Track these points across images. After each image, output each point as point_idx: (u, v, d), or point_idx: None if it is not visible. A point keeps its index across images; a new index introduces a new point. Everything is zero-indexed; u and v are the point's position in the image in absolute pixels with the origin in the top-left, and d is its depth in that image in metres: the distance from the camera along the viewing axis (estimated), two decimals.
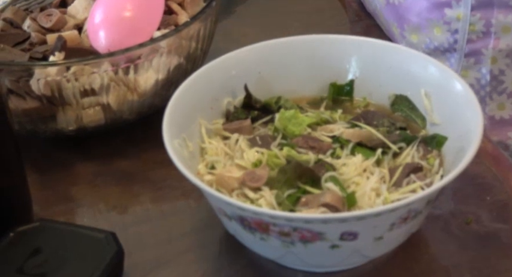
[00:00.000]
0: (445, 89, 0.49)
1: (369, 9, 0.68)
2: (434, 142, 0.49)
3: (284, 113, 0.50)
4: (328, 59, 0.53)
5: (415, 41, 0.60)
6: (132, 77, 0.54)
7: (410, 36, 0.60)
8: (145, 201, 0.54)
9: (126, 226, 0.51)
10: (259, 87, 0.52)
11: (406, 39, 0.61)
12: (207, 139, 0.50)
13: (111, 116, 0.55)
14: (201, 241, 0.50)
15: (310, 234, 0.42)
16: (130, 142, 0.58)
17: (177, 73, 0.56)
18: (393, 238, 0.45)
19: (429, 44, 0.59)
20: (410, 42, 0.61)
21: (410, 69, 0.51)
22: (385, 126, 0.50)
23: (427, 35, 0.55)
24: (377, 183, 0.45)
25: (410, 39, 0.61)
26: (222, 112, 0.52)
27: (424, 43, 0.60)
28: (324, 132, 0.50)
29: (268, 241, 0.44)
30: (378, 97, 0.53)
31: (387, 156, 0.48)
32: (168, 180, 0.54)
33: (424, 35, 0.60)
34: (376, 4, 0.62)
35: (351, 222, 0.42)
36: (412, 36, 0.60)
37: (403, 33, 0.60)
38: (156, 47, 0.53)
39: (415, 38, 0.59)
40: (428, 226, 0.49)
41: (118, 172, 0.55)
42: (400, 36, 0.61)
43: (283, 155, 0.48)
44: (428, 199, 0.44)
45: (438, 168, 0.47)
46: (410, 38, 0.60)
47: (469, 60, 0.59)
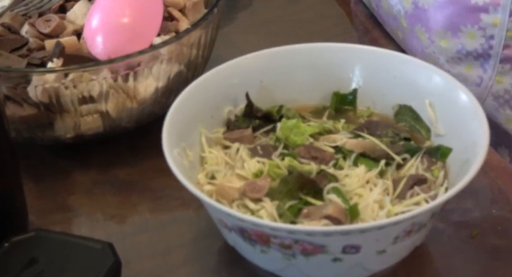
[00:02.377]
0: (450, 100, 0.49)
1: (382, 16, 0.67)
2: (438, 153, 0.49)
3: (286, 122, 0.50)
4: (331, 67, 0.53)
5: (446, 46, 0.59)
6: (131, 84, 0.54)
7: (440, 42, 0.59)
8: (143, 210, 0.54)
9: (124, 236, 0.51)
10: (260, 96, 0.52)
11: (435, 44, 0.60)
12: (208, 149, 0.49)
13: (109, 123, 0.55)
14: (200, 252, 0.50)
15: (312, 246, 0.42)
16: (129, 150, 0.57)
17: (178, 81, 0.56)
18: (396, 251, 0.45)
19: (461, 50, 0.59)
20: (440, 47, 0.60)
21: (414, 79, 0.51)
22: (388, 137, 0.50)
23: (459, 40, 0.54)
24: (380, 195, 0.45)
25: (440, 44, 0.60)
26: (222, 121, 0.52)
27: (455, 48, 0.60)
28: (326, 142, 0.50)
29: (268, 253, 0.44)
30: (382, 107, 0.53)
31: (391, 167, 0.48)
32: (167, 190, 0.53)
33: (456, 40, 0.59)
34: (400, 9, 0.61)
35: (354, 235, 0.42)
36: (442, 42, 0.59)
37: (432, 38, 0.59)
38: (156, 54, 0.53)
39: (445, 43, 0.59)
40: (432, 240, 0.49)
41: (116, 181, 0.55)
42: (428, 41, 0.60)
43: (284, 165, 0.47)
44: (432, 212, 0.44)
45: (443, 180, 0.47)
46: (440, 43, 0.60)
47: (505, 66, 0.59)
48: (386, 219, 0.42)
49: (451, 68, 0.61)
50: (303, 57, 0.53)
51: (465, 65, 0.60)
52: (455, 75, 0.60)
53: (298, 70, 0.53)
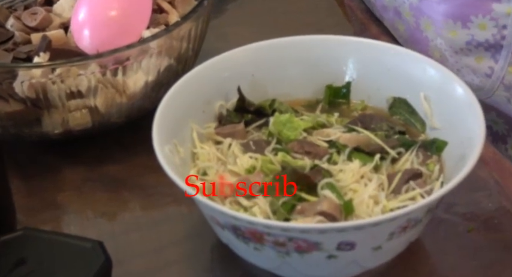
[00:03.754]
0: (445, 93, 0.49)
1: (379, 9, 0.65)
2: (434, 147, 0.48)
3: (279, 116, 0.50)
4: (324, 60, 0.52)
5: (454, 37, 0.58)
6: (120, 78, 0.53)
7: (448, 33, 0.58)
8: (134, 208, 0.53)
9: (115, 234, 0.51)
10: (252, 90, 0.52)
11: (442, 36, 0.59)
12: (199, 144, 0.49)
13: (98, 119, 0.55)
14: (192, 250, 0.49)
15: (306, 244, 0.42)
16: (119, 146, 0.57)
17: (168, 75, 0.55)
18: (392, 247, 0.44)
19: (471, 41, 0.58)
20: (448, 39, 0.59)
21: (409, 72, 0.51)
22: (383, 130, 0.50)
23: (468, 31, 0.53)
24: (375, 191, 0.45)
25: (448, 36, 0.59)
26: (214, 115, 0.51)
27: (464, 39, 0.58)
28: (320, 136, 0.49)
29: (262, 251, 0.43)
30: (376, 100, 0.52)
31: (385, 161, 0.47)
32: (159, 186, 0.53)
33: (466, 31, 0.58)
34: (405, 1, 0.60)
35: (349, 232, 0.41)
36: (450, 33, 0.58)
37: (439, 30, 0.58)
38: (145, 47, 0.53)
39: (453, 35, 0.57)
40: (428, 235, 0.48)
41: (106, 178, 0.55)
42: (434, 34, 0.59)
43: (278, 161, 0.47)
44: (428, 207, 0.43)
45: (438, 174, 0.47)
46: (448, 35, 0.58)
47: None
48: (382, 216, 0.42)
49: (459, 59, 0.60)
50: (295, 50, 0.52)
51: (475, 57, 0.59)
52: (463, 66, 0.59)
53: (290, 63, 0.52)
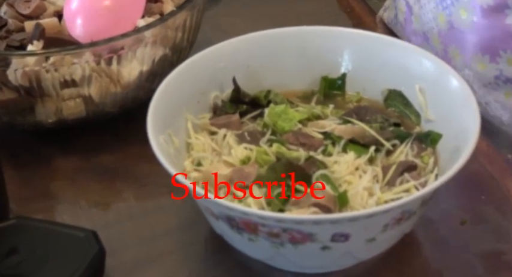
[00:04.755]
0: (440, 85, 0.49)
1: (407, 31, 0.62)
2: (428, 139, 0.48)
3: (274, 107, 0.50)
4: (320, 51, 0.52)
5: (482, 70, 0.56)
6: (115, 68, 0.53)
7: (476, 65, 0.56)
8: (128, 197, 0.53)
9: (108, 224, 0.51)
10: (248, 81, 0.52)
11: (470, 67, 0.57)
12: (194, 135, 0.49)
13: (92, 108, 0.55)
14: (186, 240, 0.49)
15: (301, 235, 0.42)
16: (113, 136, 0.57)
17: (162, 65, 0.55)
18: (386, 239, 0.45)
19: (499, 75, 0.56)
20: (476, 71, 0.57)
21: (405, 64, 0.51)
22: (378, 122, 0.50)
23: (497, 65, 0.50)
24: (370, 182, 0.45)
25: (476, 68, 0.57)
26: (209, 106, 0.51)
27: (493, 74, 0.56)
28: (315, 128, 0.49)
29: (256, 242, 0.44)
30: (371, 92, 0.52)
31: (380, 153, 0.48)
32: (153, 176, 0.53)
33: (494, 65, 0.56)
34: (434, 27, 0.58)
35: (343, 223, 0.41)
36: (478, 65, 0.56)
37: (468, 61, 0.57)
38: (140, 37, 0.53)
39: (482, 68, 0.56)
40: (421, 227, 0.48)
41: (100, 168, 0.55)
42: (462, 64, 0.57)
43: (272, 152, 0.47)
44: (422, 200, 0.44)
45: (433, 166, 0.47)
46: (476, 67, 0.57)
47: None
48: (376, 207, 0.42)
49: (487, 92, 0.58)
50: (291, 40, 0.52)
51: (504, 92, 0.57)
52: (492, 101, 0.57)
53: (286, 54, 0.52)
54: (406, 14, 0.63)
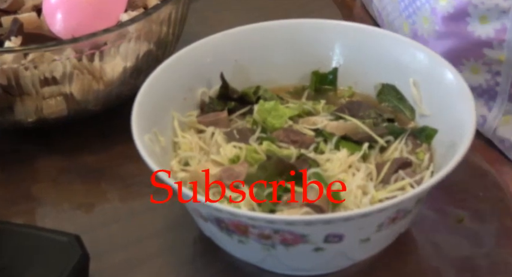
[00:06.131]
0: (435, 78, 0.49)
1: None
2: (423, 135, 0.48)
3: (263, 104, 0.50)
4: (310, 45, 0.52)
5: None
6: (97, 64, 0.53)
7: None
8: (113, 199, 0.53)
9: (93, 227, 0.50)
10: (236, 76, 0.52)
11: None
12: (180, 133, 0.49)
13: (74, 106, 0.54)
14: (174, 242, 0.49)
15: (293, 236, 0.42)
16: (97, 135, 0.56)
17: (147, 60, 0.55)
18: (381, 239, 0.44)
19: None
20: None
21: (398, 57, 0.50)
22: (371, 118, 0.49)
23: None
24: (363, 180, 0.45)
25: None
26: (196, 103, 0.51)
27: None
28: (306, 124, 0.49)
29: (247, 244, 0.43)
30: (364, 86, 0.52)
31: (374, 150, 0.47)
32: (139, 176, 0.53)
33: None
34: (402, 34, 0.56)
35: (337, 224, 0.41)
36: None
37: None
38: (123, 32, 0.52)
39: None
40: (417, 226, 0.48)
41: (83, 168, 0.54)
42: None
43: (262, 150, 0.47)
44: (418, 197, 0.43)
45: (428, 163, 0.47)
46: None
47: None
48: (371, 207, 0.42)
49: None
50: (280, 34, 0.52)
51: None
52: None
53: (275, 48, 0.52)
54: (379, 19, 0.64)
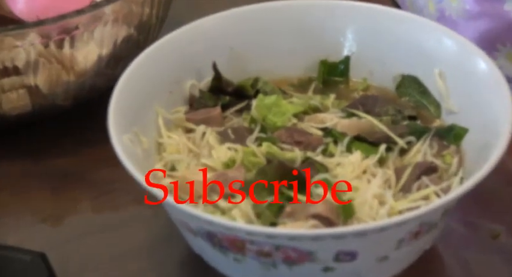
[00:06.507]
0: (464, 68, 0.49)
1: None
2: (451, 135, 0.48)
3: (263, 99, 0.50)
4: (318, 29, 0.53)
5: None
6: (67, 51, 0.53)
7: None
8: (86, 209, 0.53)
9: (61, 243, 0.50)
10: (231, 66, 0.52)
11: None
12: (166, 133, 0.49)
13: (40, 101, 0.54)
14: (158, 260, 0.49)
15: (297, 253, 0.42)
16: (67, 134, 0.57)
17: (126, 47, 0.55)
18: (401, 258, 0.45)
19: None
20: None
21: (421, 43, 0.51)
22: (389, 115, 0.50)
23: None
24: (380, 188, 0.45)
25: None
26: (184, 98, 0.51)
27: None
28: (313, 123, 0.49)
29: (243, 263, 0.43)
30: (381, 78, 0.53)
31: (393, 153, 0.48)
32: (117, 183, 0.53)
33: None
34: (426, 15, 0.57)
35: (349, 239, 0.41)
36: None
37: None
38: (98, 13, 0.52)
39: None
40: (444, 242, 0.48)
41: (51, 173, 0.55)
42: None
43: (262, 153, 0.47)
44: (445, 209, 0.43)
45: (457, 168, 0.47)
46: None
47: None
48: (389, 219, 0.42)
49: None
50: (283, 16, 0.53)
51: None
52: None
53: (277, 33, 0.53)
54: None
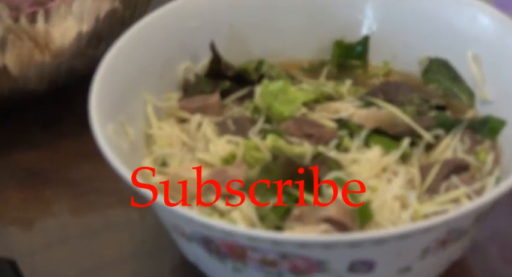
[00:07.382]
0: (503, 51, 0.50)
1: None
2: (486, 128, 0.49)
3: (268, 85, 0.50)
4: (332, 6, 0.53)
5: None
6: (41, 27, 0.54)
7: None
8: (62, 212, 0.54)
9: (33, 250, 0.51)
10: (231, 47, 0.53)
11: None
12: (156, 123, 0.50)
13: (9, 84, 0.55)
14: (146, 271, 0.50)
15: (306, 263, 0.42)
16: (40, 124, 0.58)
17: (110, 23, 0.56)
18: (425, 269, 0.45)
19: None
20: None
21: (452, 22, 0.52)
22: (414, 105, 0.50)
23: None
24: (403, 189, 0.46)
25: None
26: (177, 83, 0.52)
27: None
28: (325, 113, 0.50)
29: (244, 272, 0.44)
30: (404, 62, 0.53)
31: (417, 148, 0.48)
32: (97, 181, 0.54)
33: None
34: None
35: (366, 247, 0.42)
36: None
37: None
38: None
39: None
40: (475, 252, 0.49)
41: (20, 170, 0.56)
42: None
43: (266, 147, 0.48)
44: (478, 213, 0.44)
45: (492, 166, 0.48)
46: None
47: None
48: (412, 225, 0.42)
49: None
50: None
51: None
52: None
53: (284, 10, 0.53)
54: None
